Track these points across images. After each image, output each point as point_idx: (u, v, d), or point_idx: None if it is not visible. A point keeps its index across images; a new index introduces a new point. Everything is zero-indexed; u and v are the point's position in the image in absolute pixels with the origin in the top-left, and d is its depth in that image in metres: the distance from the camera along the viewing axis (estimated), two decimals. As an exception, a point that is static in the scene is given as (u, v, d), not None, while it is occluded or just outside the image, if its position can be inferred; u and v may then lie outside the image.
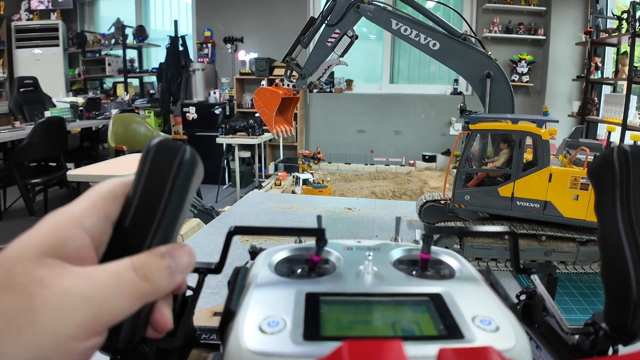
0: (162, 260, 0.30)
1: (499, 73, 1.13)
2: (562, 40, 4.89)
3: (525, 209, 0.97)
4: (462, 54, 1.14)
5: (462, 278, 0.46)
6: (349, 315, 0.38)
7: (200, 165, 0.34)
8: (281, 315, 0.36)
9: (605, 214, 0.42)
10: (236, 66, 5.65)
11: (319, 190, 3.43)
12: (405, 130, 5.44)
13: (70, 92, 6.07)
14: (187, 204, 0.33)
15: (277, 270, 0.49)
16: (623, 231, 0.39)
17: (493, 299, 0.40)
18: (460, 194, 1.05)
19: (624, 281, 0.39)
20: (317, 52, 1.20)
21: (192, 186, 0.33)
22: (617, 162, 0.40)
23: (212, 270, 0.45)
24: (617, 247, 0.40)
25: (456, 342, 0.33)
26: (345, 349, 0.22)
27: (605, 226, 0.42)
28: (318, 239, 0.48)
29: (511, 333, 0.35)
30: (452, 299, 0.39)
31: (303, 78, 1.22)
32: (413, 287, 0.42)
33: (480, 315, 0.36)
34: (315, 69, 1.21)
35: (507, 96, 1.15)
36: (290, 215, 1.30)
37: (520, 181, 0.97)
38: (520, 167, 0.97)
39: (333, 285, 0.43)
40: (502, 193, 0.99)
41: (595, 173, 0.45)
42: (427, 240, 0.48)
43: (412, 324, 0.36)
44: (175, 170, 0.32)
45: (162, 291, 0.30)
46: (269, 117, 1.25)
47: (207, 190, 4.85)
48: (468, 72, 1.16)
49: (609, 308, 0.42)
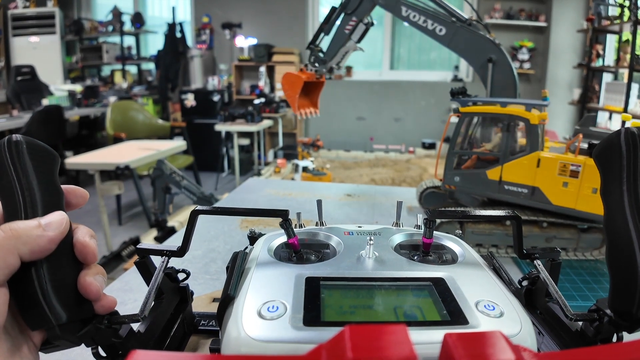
0: (29, 219, 0.33)
1: (503, 58, 1.12)
2: (564, 27, 4.85)
3: (513, 193, 0.98)
4: (467, 40, 1.14)
5: (465, 263, 0.45)
6: (350, 300, 0.37)
7: (36, 146, 0.35)
8: (281, 300, 0.36)
9: (611, 197, 0.41)
10: (235, 52, 5.60)
11: (319, 178, 3.42)
12: (405, 117, 5.42)
13: (68, 80, 6.01)
14: (44, 185, 0.35)
15: (277, 255, 0.48)
16: (630, 215, 0.38)
17: (497, 284, 0.40)
18: (450, 175, 1.07)
19: (629, 266, 0.38)
20: (336, 39, 1.27)
21: (35, 169, 0.35)
22: (625, 145, 0.39)
23: (175, 252, 0.45)
24: (623, 231, 0.39)
25: (460, 328, 0.32)
26: (347, 333, 0.21)
27: (612, 210, 0.41)
28: (283, 220, 0.47)
29: (516, 318, 0.34)
30: (455, 283, 0.39)
31: (324, 63, 1.30)
32: (415, 271, 0.42)
33: (484, 301, 0.36)
34: (335, 54, 1.29)
35: (510, 81, 1.14)
36: (290, 202, 1.29)
37: (508, 165, 0.98)
38: (508, 150, 0.98)
39: (333, 269, 0.42)
40: (490, 176, 1.00)
41: (601, 156, 0.44)
42: (429, 224, 0.47)
43: (415, 309, 0.35)
44: (11, 162, 0.34)
45: (34, 243, 0.32)
46: (293, 99, 1.33)
47: (206, 178, 4.84)
48: (473, 58, 1.16)
49: (613, 294, 0.41)
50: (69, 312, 0.33)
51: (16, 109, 4.33)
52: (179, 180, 2.04)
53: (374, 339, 0.21)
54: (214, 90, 5.26)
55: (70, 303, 0.33)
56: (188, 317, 0.58)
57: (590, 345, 0.43)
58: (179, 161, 3.86)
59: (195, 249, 0.95)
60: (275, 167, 4.00)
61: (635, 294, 0.37)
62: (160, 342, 0.47)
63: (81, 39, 6.21)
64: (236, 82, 5.49)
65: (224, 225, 1.09)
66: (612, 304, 0.40)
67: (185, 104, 5.18)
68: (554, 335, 0.48)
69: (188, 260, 0.89)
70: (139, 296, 0.75)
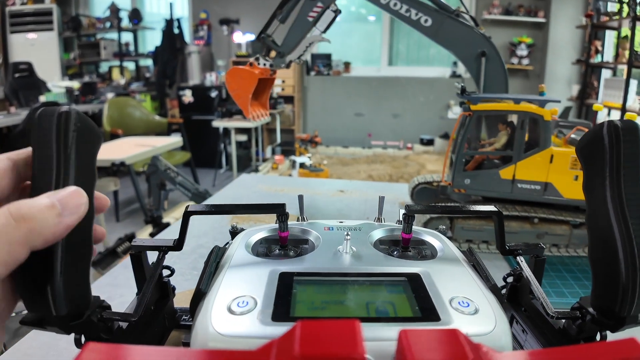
0: (43, 200, 0.28)
1: (494, 51, 1.10)
2: (563, 23, 4.83)
3: (526, 191, 0.96)
4: (455, 31, 1.09)
5: (443, 258, 0.44)
6: (323, 296, 0.36)
7: (84, 122, 0.33)
8: (252, 295, 0.35)
9: (594, 193, 0.40)
10: (232, 48, 5.59)
11: (316, 174, 3.42)
12: (404, 114, 5.41)
13: (66, 77, 6.00)
14: (81, 165, 0.33)
15: (254, 251, 0.48)
16: (612, 211, 0.37)
17: (474, 280, 0.39)
18: (460, 178, 1.01)
19: (612, 263, 0.37)
20: (297, 28, 1.10)
21: (77, 146, 0.33)
22: (607, 138, 0.38)
23: (172, 247, 0.45)
24: (606, 227, 0.38)
25: (431, 325, 0.31)
26: (298, 329, 0.20)
27: (594, 206, 0.40)
28: (279, 215, 0.47)
29: (490, 316, 0.33)
30: (431, 279, 0.38)
31: (282, 56, 1.13)
32: (391, 267, 0.41)
33: (458, 297, 0.35)
34: (296, 46, 1.12)
35: (501, 76, 1.12)
36: (282, 197, 1.29)
37: (522, 163, 0.95)
38: (522, 148, 0.95)
39: (309, 265, 0.41)
40: (503, 176, 0.97)
41: (584, 150, 0.43)
42: (407, 219, 0.47)
43: (387, 305, 0.34)
44: (56, 134, 0.32)
45: (49, 232, 0.28)
46: (244, 100, 1.12)
47: (204, 174, 4.84)
48: (461, 51, 1.11)
49: (596, 291, 0.40)
50: (71, 305, 0.32)
51: (14, 106, 4.32)
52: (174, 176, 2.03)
53: (324, 334, 0.20)
54: (211, 87, 5.25)
55: (74, 296, 0.32)
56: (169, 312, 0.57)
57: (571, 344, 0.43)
58: (176, 157, 3.85)
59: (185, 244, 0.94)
60: (272, 164, 3.99)
61: (617, 291, 0.37)
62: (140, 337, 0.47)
63: (79, 35, 6.19)
64: (234, 79, 5.48)
65: (214, 222, 1.08)
66: (594, 301, 0.40)
67: (183, 101, 5.17)
68: (538, 333, 0.47)
69: (177, 255, 0.89)
70: (126, 291, 0.75)
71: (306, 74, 5.51)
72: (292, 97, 5.32)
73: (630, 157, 0.38)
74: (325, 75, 5.49)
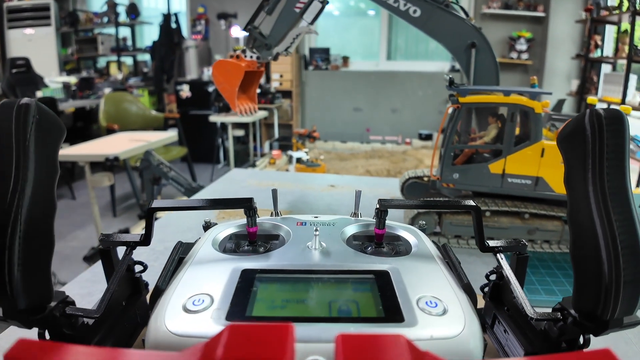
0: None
1: (484, 43, 1.08)
2: (562, 18, 4.80)
3: (516, 186, 0.94)
4: (444, 22, 1.06)
5: (416, 255, 0.42)
6: (285, 294, 0.35)
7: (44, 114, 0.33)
8: (209, 293, 0.34)
9: (575, 187, 0.38)
10: (230, 43, 5.56)
11: (313, 169, 3.40)
12: (402, 108, 5.38)
13: (64, 72, 5.98)
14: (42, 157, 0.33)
15: (222, 246, 0.46)
16: (594, 206, 0.35)
17: (446, 278, 0.37)
18: (449, 173, 1.00)
19: (594, 262, 0.35)
20: (283, 20, 1.07)
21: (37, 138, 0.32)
22: (590, 128, 0.36)
23: (139, 242, 0.44)
24: (588, 223, 0.36)
25: (394, 326, 0.30)
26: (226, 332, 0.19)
27: (575, 200, 0.38)
28: (246, 210, 0.45)
29: (459, 317, 0.31)
30: (400, 277, 0.36)
31: (268, 48, 1.09)
32: (360, 264, 0.39)
33: (426, 297, 0.33)
34: (282, 38, 1.09)
35: (492, 68, 1.10)
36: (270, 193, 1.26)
37: (512, 157, 0.93)
38: (512, 142, 0.93)
39: (275, 261, 0.40)
40: (493, 170, 0.95)
41: (564, 141, 0.41)
42: (380, 214, 0.45)
43: (351, 304, 0.33)
44: (15, 125, 0.31)
45: None
46: (231, 94, 1.09)
47: (202, 169, 4.82)
48: (451, 42, 1.08)
49: (577, 293, 0.38)
50: (30, 298, 0.31)
51: (10, 101, 4.30)
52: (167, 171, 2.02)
53: (254, 339, 0.18)
54: (209, 81, 5.23)
55: (33, 290, 0.32)
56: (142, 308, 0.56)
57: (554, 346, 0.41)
58: (173, 152, 3.84)
59: (168, 240, 0.93)
60: (270, 159, 3.98)
61: (599, 293, 0.34)
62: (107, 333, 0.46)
63: (76, 30, 6.16)
64: (232, 73, 5.45)
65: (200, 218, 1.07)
66: (576, 303, 0.37)
67: (181, 95, 5.15)
68: (519, 333, 0.45)
69: (160, 252, 0.87)
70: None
71: (304, 69, 5.48)
72: (290, 91, 5.30)
73: (614, 148, 0.35)
74: (324, 69, 5.46)
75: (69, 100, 4.67)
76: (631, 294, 0.34)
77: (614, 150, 0.35)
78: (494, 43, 4.65)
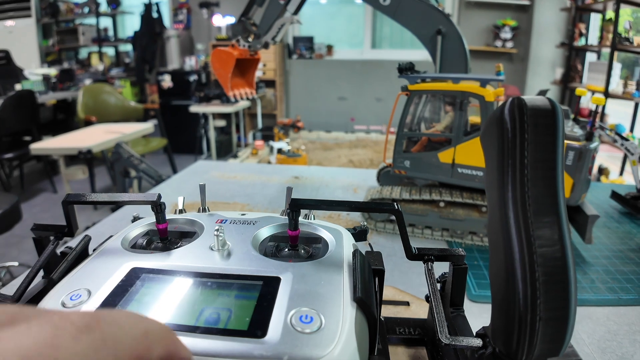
0: None
1: (452, 30, 1.06)
2: (547, 6, 4.76)
3: (467, 176, 0.91)
4: (414, 10, 1.06)
5: (324, 261, 0.38)
6: (164, 296, 0.32)
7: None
8: (88, 288, 0.33)
9: (492, 193, 0.32)
10: (212, 32, 5.48)
11: (294, 160, 3.36)
12: (387, 97, 5.34)
13: (45, 64, 5.87)
14: None
15: (132, 242, 0.44)
16: (513, 218, 0.29)
17: (341, 289, 0.33)
18: (400, 159, 0.99)
19: (508, 290, 0.29)
20: (269, 11, 1.16)
21: None
22: (510, 122, 0.30)
23: (65, 233, 0.43)
24: (504, 239, 0.29)
25: (251, 342, 0.27)
26: None
27: (492, 210, 0.32)
28: (154, 206, 0.43)
29: (333, 336, 0.27)
30: (289, 285, 0.32)
31: (258, 38, 1.18)
32: (257, 268, 0.36)
33: (304, 311, 0.29)
34: (269, 28, 1.17)
35: (460, 56, 1.07)
36: (231, 185, 1.23)
37: (462, 146, 0.90)
38: (461, 130, 0.90)
39: (169, 261, 0.37)
40: (442, 159, 0.93)
41: (484, 137, 0.36)
42: (292, 215, 0.41)
43: (223, 313, 0.30)
44: None
45: None
46: (225, 79, 1.20)
47: (184, 161, 4.76)
48: (420, 30, 1.08)
49: (493, 322, 0.33)
50: None
51: (-8, 95, 4.22)
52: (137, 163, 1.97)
53: None
54: (191, 71, 5.15)
55: None
56: None
57: None
58: (153, 144, 3.78)
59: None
60: (252, 149, 3.93)
61: (512, 329, 0.29)
62: None
63: (57, 21, 6.04)
64: (215, 63, 5.38)
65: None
66: (493, 333, 0.33)
67: (162, 86, 5.07)
68: (452, 355, 0.42)
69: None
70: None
71: (288, 57, 5.42)
72: (274, 81, 5.23)
73: (540, 147, 0.29)
74: (308, 58, 5.39)
75: (49, 93, 4.58)
76: (553, 332, 0.28)
77: (539, 149, 0.29)
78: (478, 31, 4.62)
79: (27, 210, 3.55)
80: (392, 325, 0.52)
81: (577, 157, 0.79)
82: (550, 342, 0.29)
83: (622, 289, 0.76)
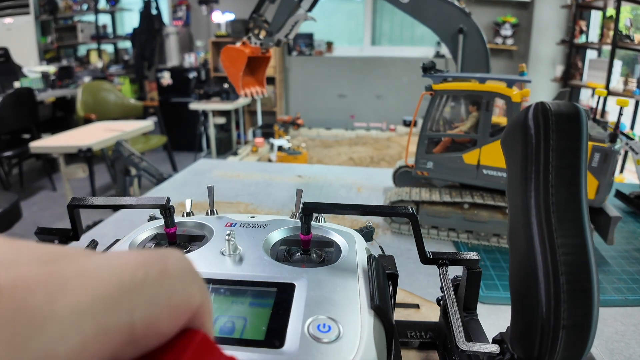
0: None
1: (473, 28, 1.05)
2: (548, 3, 4.75)
3: (492, 178, 0.89)
4: (432, 7, 1.05)
5: (338, 266, 0.37)
6: None
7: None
8: None
9: (514, 200, 0.31)
10: (212, 28, 5.46)
11: (294, 157, 3.36)
12: (387, 95, 5.33)
13: (44, 61, 5.84)
14: None
15: (141, 245, 0.44)
16: (536, 225, 0.29)
17: (357, 297, 0.32)
18: (423, 161, 0.97)
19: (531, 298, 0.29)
20: (283, 8, 1.14)
21: None
22: (534, 127, 0.29)
23: (70, 237, 0.43)
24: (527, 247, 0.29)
25: (269, 352, 0.26)
26: None
27: (515, 218, 0.31)
28: (163, 210, 0.42)
29: (352, 346, 0.26)
30: (304, 292, 0.32)
31: (270, 35, 1.17)
32: (270, 274, 0.35)
33: (321, 319, 0.28)
34: (282, 25, 1.15)
35: (481, 54, 1.06)
36: (234, 184, 1.23)
37: (487, 147, 0.88)
38: (487, 131, 0.88)
39: None
40: (467, 160, 0.91)
41: (506, 142, 0.34)
42: (304, 219, 0.40)
43: (238, 321, 0.29)
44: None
45: None
46: (236, 78, 1.18)
47: (184, 158, 4.75)
48: (439, 27, 1.07)
49: (513, 329, 0.32)
50: None
51: (-9, 93, 4.21)
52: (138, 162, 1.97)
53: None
54: (190, 68, 5.13)
55: None
56: None
57: None
58: (153, 141, 3.76)
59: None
60: (252, 147, 3.92)
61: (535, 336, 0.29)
62: None
63: (56, 18, 6.01)
64: (213, 59, 5.35)
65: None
66: (513, 340, 0.32)
67: (162, 83, 5.05)
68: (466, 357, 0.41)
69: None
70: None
71: (287, 54, 5.40)
72: (274, 78, 5.22)
73: (565, 153, 0.29)
74: (307, 55, 5.38)
75: (48, 90, 4.56)
76: (575, 339, 0.28)
77: (564, 155, 0.29)
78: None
79: (26, 208, 3.54)
80: (403, 329, 0.52)
81: (602, 158, 0.78)
82: (572, 349, 0.28)
83: (628, 289, 0.75)
